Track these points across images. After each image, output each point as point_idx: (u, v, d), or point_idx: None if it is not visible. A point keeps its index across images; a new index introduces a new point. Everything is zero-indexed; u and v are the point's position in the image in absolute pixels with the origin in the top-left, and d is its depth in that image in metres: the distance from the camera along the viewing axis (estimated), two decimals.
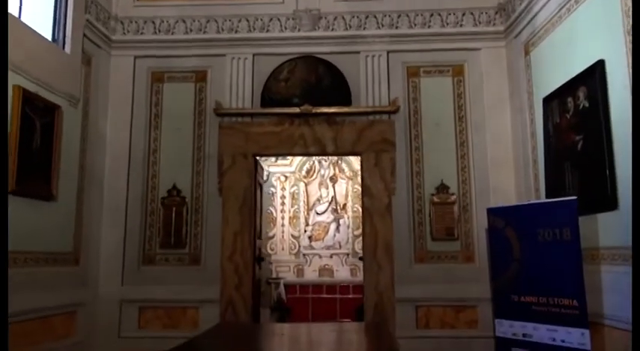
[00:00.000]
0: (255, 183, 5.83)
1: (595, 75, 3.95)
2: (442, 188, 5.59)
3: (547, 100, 4.68)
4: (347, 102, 5.68)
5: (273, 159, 10.07)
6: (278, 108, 5.68)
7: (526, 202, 4.66)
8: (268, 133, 5.69)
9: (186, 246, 5.58)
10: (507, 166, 5.48)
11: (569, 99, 4.31)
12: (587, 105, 4.10)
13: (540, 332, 4.20)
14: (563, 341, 4.01)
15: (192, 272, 5.52)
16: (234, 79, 5.75)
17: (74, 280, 5.07)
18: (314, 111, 5.62)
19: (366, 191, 5.63)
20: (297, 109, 5.63)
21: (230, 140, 5.69)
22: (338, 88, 5.69)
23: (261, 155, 5.82)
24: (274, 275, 9.77)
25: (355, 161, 8.84)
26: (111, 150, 5.71)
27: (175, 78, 5.85)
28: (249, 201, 5.63)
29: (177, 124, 5.77)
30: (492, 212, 4.69)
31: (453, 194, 5.58)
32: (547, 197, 4.61)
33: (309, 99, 5.64)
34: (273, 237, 9.97)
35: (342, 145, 5.68)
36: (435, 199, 5.58)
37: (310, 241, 9.88)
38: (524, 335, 4.34)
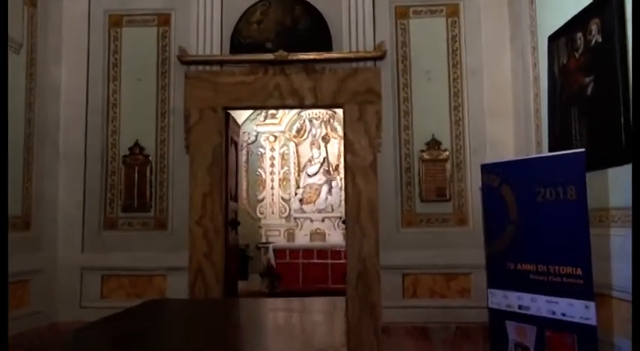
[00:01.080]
0: (227, 140, 5.24)
1: (611, 3, 3.28)
2: (433, 144, 4.99)
3: (553, 39, 4.01)
4: (327, 47, 5.02)
5: (261, 118, 9.51)
6: (250, 54, 5.04)
7: (525, 157, 4.05)
8: (239, 84, 5.07)
9: (151, 209, 5.05)
10: (506, 117, 4.85)
11: (579, 35, 3.64)
12: (599, 40, 3.44)
13: (538, 304, 3.66)
14: (564, 315, 3.47)
15: (158, 238, 5.02)
16: (201, 22, 5.08)
17: (26, 246, 4.57)
18: (290, 57, 4.97)
19: (348, 147, 5.04)
20: (270, 56, 4.98)
21: (197, 92, 5.07)
22: (317, 31, 5.02)
23: (232, 108, 5.21)
24: (264, 240, 9.32)
25: None
26: (66, 103, 5.12)
27: (135, 21, 5.19)
28: (220, 159, 5.06)
29: (139, 74, 5.15)
30: (486, 169, 4.09)
31: (445, 150, 4.97)
32: (550, 151, 4.00)
33: (285, 44, 4.98)
34: (262, 200, 9.48)
35: (322, 96, 5.05)
36: (425, 156, 4.98)
37: (301, 205, 9.39)
38: (519, 307, 3.80)
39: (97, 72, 5.14)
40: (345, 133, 5.08)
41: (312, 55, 4.98)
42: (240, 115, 9.69)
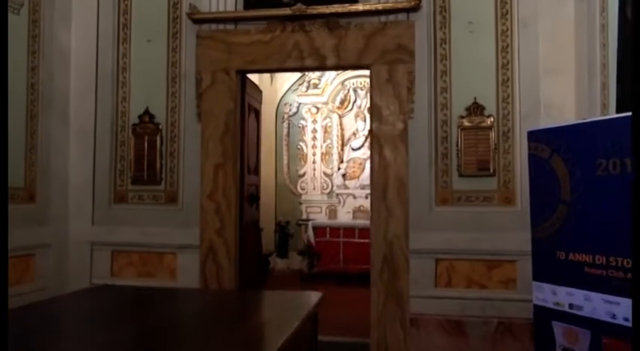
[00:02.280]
0: (243, 106, 4.72)
1: None
2: (475, 109, 4.22)
3: None
4: None
5: (303, 88, 8.96)
6: (265, 10, 4.46)
7: (582, 121, 3.23)
8: (255, 44, 4.51)
9: (162, 182, 4.66)
10: (565, 75, 3.98)
11: None
12: None
13: (594, 304, 2.92)
14: (626, 319, 2.73)
15: (169, 212, 4.63)
16: None
17: (30, 220, 4.33)
18: (310, 11, 4.34)
19: (375, 114, 4.38)
20: (287, 11, 4.38)
21: (209, 53, 4.57)
22: None
23: (247, 71, 4.66)
24: (305, 217, 8.86)
25: None
26: (76, 70, 4.79)
27: None
28: (234, 128, 4.56)
29: (149, 35, 4.72)
30: (534, 136, 3.30)
31: (489, 116, 4.20)
32: (618, 114, 3.17)
33: None
34: (303, 175, 8.99)
35: (346, 55, 4.40)
36: (466, 123, 4.23)
37: (344, 180, 8.81)
38: (570, 306, 3.06)
39: (106, 34, 4.76)
40: (371, 98, 4.42)
41: (334, 8, 4.33)
42: (282, 87, 9.20)
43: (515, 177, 4.14)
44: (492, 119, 4.18)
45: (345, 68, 6.05)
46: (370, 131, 4.44)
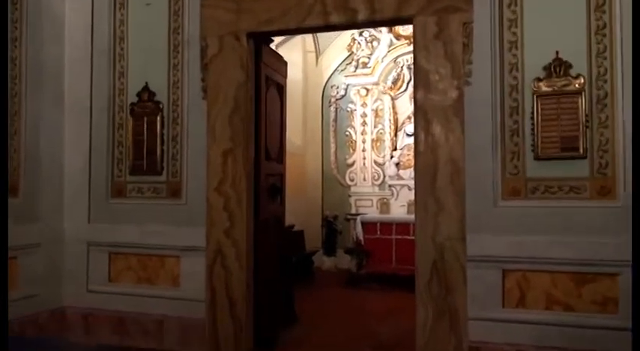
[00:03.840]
0: (258, 78, 3.83)
1: None
2: (558, 67, 3.09)
3: None
4: None
5: (351, 68, 7.96)
6: None
7: None
8: None
9: (163, 172, 3.88)
10: None
11: None
12: None
13: None
14: None
15: (171, 208, 3.85)
16: None
17: (10, 216, 3.67)
18: None
19: (420, 80, 3.34)
20: None
21: (216, 14, 3.72)
22: None
23: (260, 34, 3.75)
24: (354, 211, 7.90)
25: None
26: (70, 43, 4.12)
27: None
28: (245, 104, 3.68)
29: None
30: None
31: (577, 77, 3.05)
32: None
33: None
34: (352, 165, 8.02)
35: (382, 6, 3.39)
36: (544, 88, 3.11)
37: (398, 170, 7.75)
38: None
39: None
40: (415, 59, 3.38)
41: None
42: (328, 67, 8.26)
43: (615, 160, 2.97)
44: (582, 81, 3.03)
45: (380, 24, 4.96)
46: (415, 103, 3.41)
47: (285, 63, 4.45)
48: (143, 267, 3.89)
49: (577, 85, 3.03)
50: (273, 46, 4.31)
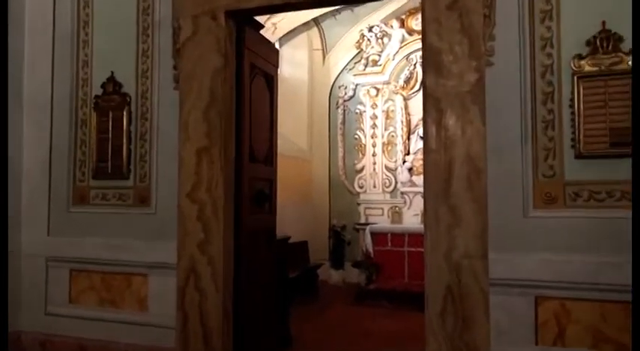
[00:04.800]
0: (240, 65, 3.24)
1: None
2: (605, 41, 2.43)
3: None
4: None
5: (360, 67, 7.34)
6: None
7: None
8: None
9: (130, 175, 3.30)
10: None
11: None
12: None
13: None
14: None
15: (138, 218, 3.27)
16: None
17: None
18: None
19: (430, 61, 2.71)
20: None
21: None
22: None
23: (242, 12, 3.14)
24: (363, 220, 7.25)
25: None
26: (31, 31, 3.58)
27: None
28: (223, 95, 3.09)
29: None
30: None
31: (629, 53, 2.39)
32: None
33: None
34: (362, 170, 7.38)
35: None
36: (587, 67, 2.45)
37: (411, 175, 7.08)
38: None
39: None
40: (424, 36, 2.75)
41: None
42: (335, 66, 7.66)
43: None
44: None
45: None
46: (424, 90, 2.76)
47: (276, 50, 3.85)
48: (107, 287, 3.30)
49: (630, 63, 2.37)
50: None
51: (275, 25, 6.04)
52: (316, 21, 7.42)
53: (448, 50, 2.64)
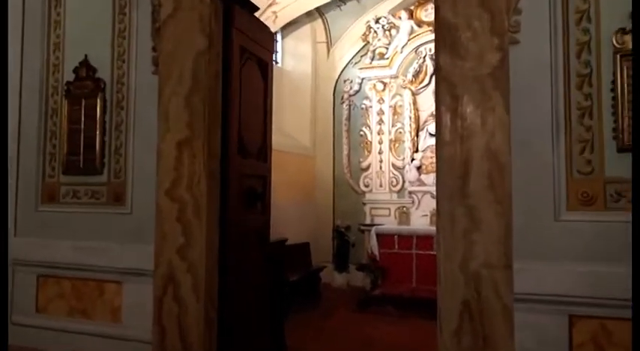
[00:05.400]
0: (228, 47, 2.86)
1: None
2: None
3: None
4: None
5: (367, 60, 6.95)
6: None
7: None
8: None
9: (104, 170, 2.92)
10: None
11: None
12: None
13: None
14: None
15: (113, 218, 2.90)
16: None
17: None
18: None
19: (444, 39, 2.31)
20: None
21: None
22: None
23: None
24: (369, 221, 6.86)
25: None
26: None
27: None
28: (208, 81, 2.71)
29: None
30: None
31: None
32: None
33: None
34: (367, 168, 6.97)
35: None
36: (631, 44, 2.04)
37: (419, 174, 6.67)
38: None
39: None
40: (437, 10, 2.35)
41: None
42: (340, 59, 7.26)
43: None
44: None
45: None
46: (436, 72, 2.36)
47: (271, 34, 3.47)
48: (78, 295, 2.94)
49: None
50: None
51: (276, 14, 5.66)
52: (320, 12, 7.03)
53: (465, 26, 2.24)
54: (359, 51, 7.12)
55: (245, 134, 3.02)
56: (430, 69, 6.68)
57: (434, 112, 6.61)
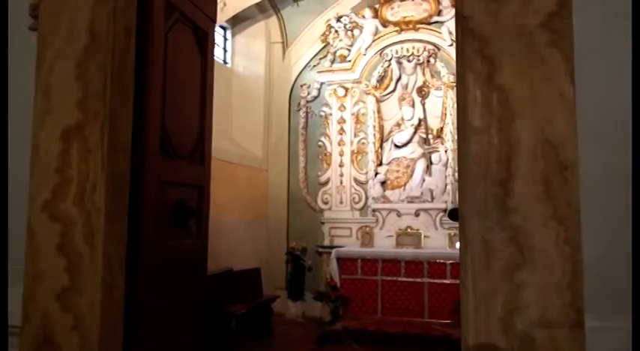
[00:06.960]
0: (147, 1, 1.96)
1: None
2: None
3: None
4: None
5: (326, 63, 6.23)
6: None
7: None
8: None
9: None
10: None
11: None
12: None
13: None
14: None
15: None
16: None
17: None
18: None
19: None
20: None
21: None
22: None
23: None
24: (327, 242, 6.04)
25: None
26: None
27: None
28: (113, 41, 1.79)
29: None
30: None
31: None
32: None
33: None
34: (327, 183, 6.21)
35: None
36: None
37: (384, 190, 5.97)
38: None
39: None
40: None
41: None
42: (297, 62, 6.45)
43: None
44: None
45: None
46: (458, 21, 1.55)
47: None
48: None
49: None
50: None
51: (224, 2, 4.79)
52: (275, 8, 6.23)
53: None
54: (318, 52, 6.37)
55: (172, 124, 2.11)
56: (396, 73, 6.04)
57: (400, 122, 5.93)
